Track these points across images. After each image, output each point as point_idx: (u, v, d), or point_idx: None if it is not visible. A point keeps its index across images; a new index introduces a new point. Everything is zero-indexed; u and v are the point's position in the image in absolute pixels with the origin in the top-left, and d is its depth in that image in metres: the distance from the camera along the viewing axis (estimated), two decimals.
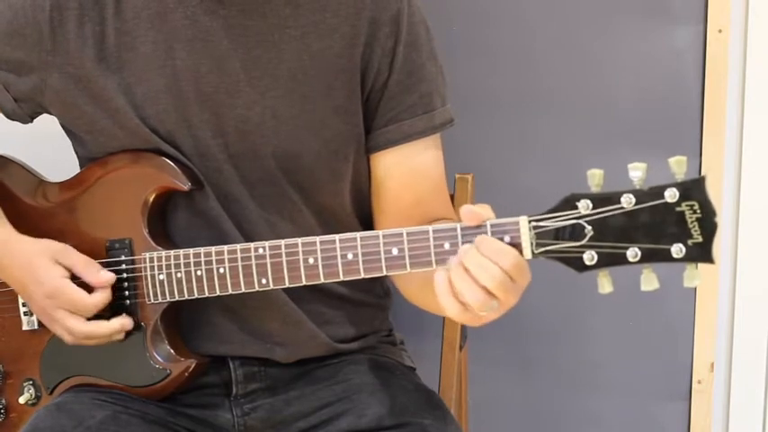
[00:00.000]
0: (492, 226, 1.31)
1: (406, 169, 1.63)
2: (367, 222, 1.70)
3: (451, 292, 1.33)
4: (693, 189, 1.20)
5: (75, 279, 1.58)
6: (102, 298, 1.57)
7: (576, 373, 2.31)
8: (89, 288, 1.58)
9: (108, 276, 1.58)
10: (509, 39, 2.19)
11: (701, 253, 1.20)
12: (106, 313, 1.58)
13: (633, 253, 1.23)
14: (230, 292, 1.52)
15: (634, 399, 2.30)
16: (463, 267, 1.32)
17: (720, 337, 2.26)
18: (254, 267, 1.49)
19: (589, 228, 1.25)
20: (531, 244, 1.29)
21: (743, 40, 2.14)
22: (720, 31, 2.11)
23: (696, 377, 2.26)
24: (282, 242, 1.46)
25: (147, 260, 1.57)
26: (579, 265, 1.27)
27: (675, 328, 2.26)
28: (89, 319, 1.57)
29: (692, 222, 1.20)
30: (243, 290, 1.51)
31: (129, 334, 1.60)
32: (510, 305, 1.34)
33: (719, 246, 2.10)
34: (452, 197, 1.85)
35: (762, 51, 2.14)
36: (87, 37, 1.58)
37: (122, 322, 1.58)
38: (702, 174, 1.21)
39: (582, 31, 2.16)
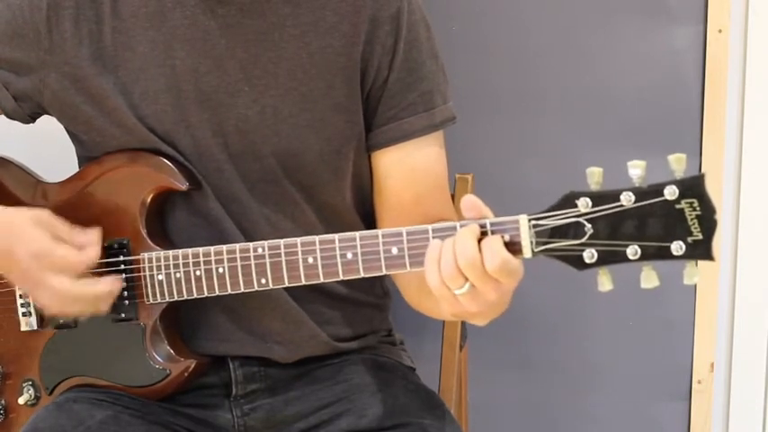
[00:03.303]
0: (492, 225, 1.31)
1: (407, 167, 1.63)
2: (369, 219, 1.70)
3: (437, 260, 1.33)
4: (693, 186, 1.19)
5: None
6: (91, 254, 1.53)
7: (575, 372, 2.31)
8: None
9: (93, 233, 1.55)
10: (509, 38, 2.19)
11: (701, 250, 1.20)
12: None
13: (633, 251, 1.23)
14: (229, 291, 1.52)
15: (634, 399, 2.30)
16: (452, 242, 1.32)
17: (720, 337, 2.26)
18: (253, 267, 1.49)
19: (589, 226, 1.24)
20: (531, 243, 1.28)
21: (743, 40, 2.15)
22: (720, 31, 2.11)
23: (696, 377, 2.26)
24: (282, 242, 1.46)
25: (146, 260, 1.57)
26: (579, 264, 1.26)
27: (675, 327, 2.26)
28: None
29: (691, 220, 1.20)
30: (242, 290, 1.51)
31: (128, 334, 1.60)
32: (491, 300, 1.33)
33: (720, 245, 2.11)
34: (452, 197, 1.85)
35: (762, 51, 2.14)
36: (84, 36, 1.58)
37: (112, 284, 1.54)
38: (702, 171, 1.21)
39: (582, 31, 2.16)
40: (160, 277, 1.56)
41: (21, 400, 1.68)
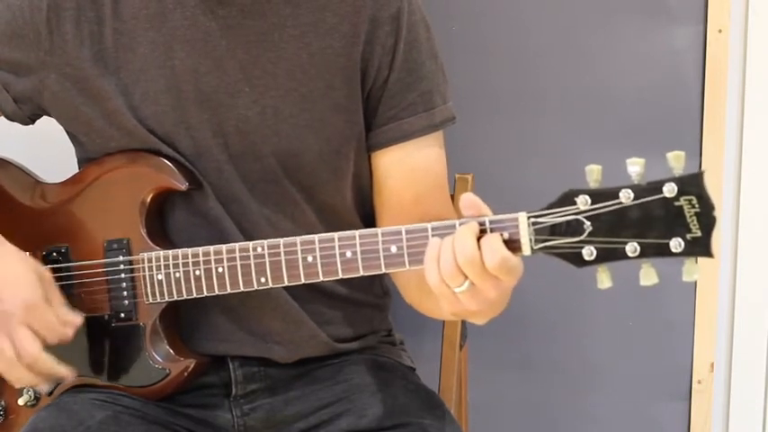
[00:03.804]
0: (491, 222, 1.31)
1: (407, 167, 1.63)
2: (369, 219, 1.70)
3: (436, 258, 1.32)
4: (692, 183, 1.19)
5: None
6: (69, 332, 1.54)
7: (575, 372, 2.31)
8: None
9: (78, 318, 1.55)
10: (509, 38, 2.19)
11: (700, 247, 1.20)
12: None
13: (632, 248, 1.22)
14: (229, 291, 1.52)
15: (634, 399, 2.30)
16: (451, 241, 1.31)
17: (720, 337, 2.26)
18: (252, 267, 1.49)
19: (588, 223, 1.24)
20: (530, 240, 1.28)
21: (743, 40, 2.15)
22: (720, 31, 2.11)
23: (696, 377, 2.26)
24: (281, 241, 1.46)
25: (146, 260, 1.57)
26: (578, 261, 1.26)
27: (675, 327, 2.26)
28: None
29: (690, 217, 1.19)
30: (242, 289, 1.51)
31: (128, 334, 1.60)
32: (491, 298, 1.32)
33: (719, 243, 2.11)
34: (452, 197, 1.85)
35: (762, 51, 2.14)
36: (84, 37, 1.58)
37: (65, 373, 1.54)
38: (701, 169, 1.21)
39: (582, 31, 2.16)
40: (160, 277, 1.56)
41: (21, 401, 1.68)
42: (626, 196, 1.22)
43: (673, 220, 1.21)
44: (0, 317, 1.51)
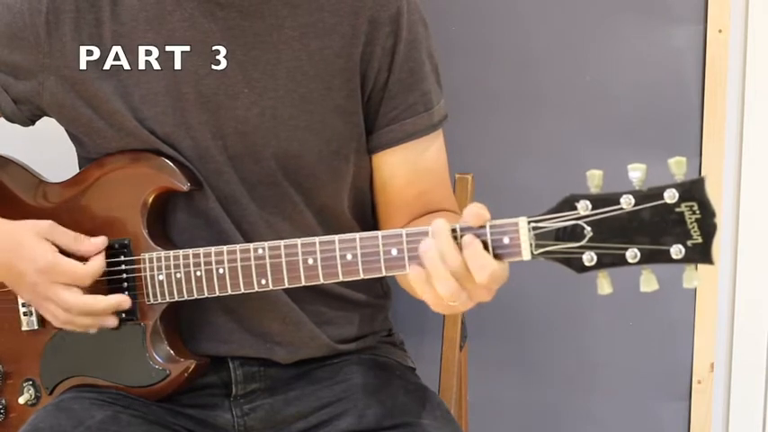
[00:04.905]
0: (491, 227, 1.31)
1: (411, 167, 1.64)
2: (364, 221, 1.70)
3: (427, 281, 1.34)
4: (693, 190, 1.19)
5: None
6: (97, 265, 1.56)
7: (575, 372, 2.31)
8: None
9: (99, 241, 1.57)
10: (508, 38, 2.18)
11: (701, 254, 1.20)
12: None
13: (632, 254, 1.22)
14: (230, 292, 1.52)
15: (634, 399, 2.30)
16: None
17: (720, 337, 2.26)
18: (253, 268, 1.49)
19: (588, 228, 1.24)
20: (531, 245, 1.28)
21: (743, 40, 2.14)
22: (720, 31, 2.10)
23: (696, 377, 2.25)
24: (282, 243, 1.46)
25: (147, 260, 1.57)
26: (578, 266, 1.26)
27: (675, 328, 2.25)
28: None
29: (691, 223, 1.19)
30: (242, 290, 1.51)
31: (128, 334, 1.60)
32: (483, 299, 1.35)
33: (719, 246, 2.11)
34: None
35: (762, 51, 2.13)
36: (84, 40, 1.58)
37: (119, 299, 1.56)
38: (702, 174, 1.21)
39: (581, 31, 2.16)
40: (161, 277, 1.56)
41: (21, 400, 1.69)
42: (627, 202, 1.22)
43: (673, 227, 1.20)
44: (31, 289, 1.57)
